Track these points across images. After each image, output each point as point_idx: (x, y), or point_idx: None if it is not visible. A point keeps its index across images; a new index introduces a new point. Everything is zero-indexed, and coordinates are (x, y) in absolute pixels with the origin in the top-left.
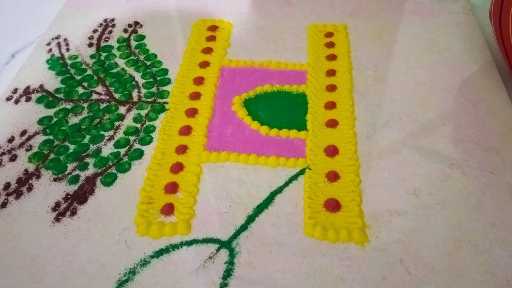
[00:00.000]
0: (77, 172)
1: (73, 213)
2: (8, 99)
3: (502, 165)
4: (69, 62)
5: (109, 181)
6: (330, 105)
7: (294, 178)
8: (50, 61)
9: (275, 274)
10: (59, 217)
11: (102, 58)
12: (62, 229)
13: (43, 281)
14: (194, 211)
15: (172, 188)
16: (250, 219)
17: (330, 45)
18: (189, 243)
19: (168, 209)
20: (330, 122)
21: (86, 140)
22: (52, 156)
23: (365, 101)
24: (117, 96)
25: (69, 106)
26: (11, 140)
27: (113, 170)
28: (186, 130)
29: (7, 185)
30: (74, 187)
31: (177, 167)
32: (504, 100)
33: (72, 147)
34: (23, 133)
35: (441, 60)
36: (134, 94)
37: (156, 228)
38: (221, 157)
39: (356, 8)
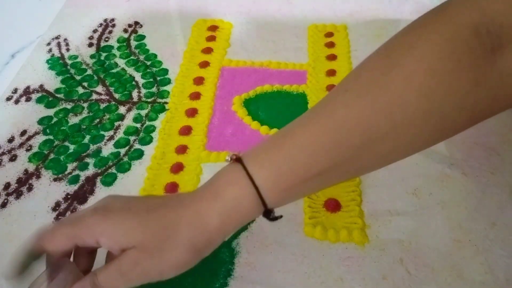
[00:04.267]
0: (77, 172)
1: (73, 213)
2: (8, 99)
3: (502, 165)
4: (69, 62)
5: (109, 181)
6: None
7: None
8: (50, 61)
9: (275, 274)
10: (59, 217)
11: (102, 58)
12: None
13: None
14: None
15: (172, 188)
16: None
17: (330, 45)
18: None
19: None
20: None
21: (86, 140)
22: (52, 156)
23: None
24: (117, 96)
25: (69, 106)
26: (11, 140)
27: (113, 170)
28: (186, 130)
29: (7, 185)
30: (74, 187)
31: (177, 167)
32: None
33: (72, 147)
34: (23, 133)
35: None
36: (134, 94)
37: None
38: (221, 157)
39: (356, 8)
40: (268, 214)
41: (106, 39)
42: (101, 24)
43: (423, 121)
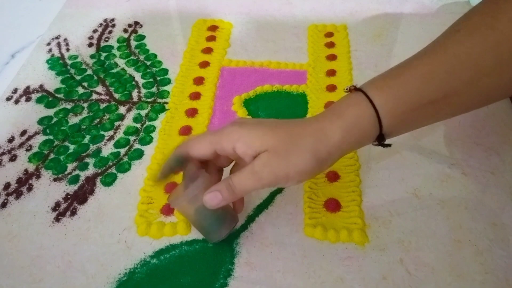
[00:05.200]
0: (77, 172)
1: (73, 213)
2: (8, 99)
3: (502, 165)
4: (69, 62)
5: (109, 181)
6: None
7: None
8: (50, 61)
9: (275, 274)
10: (59, 217)
11: (102, 58)
12: (62, 229)
13: (43, 281)
14: None
15: (172, 188)
16: (250, 219)
17: (330, 45)
18: (189, 243)
19: (168, 209)
20: None
21: (86, 140)
22: (52, 156)
23: None
24: (117, 96)
25: (69, 106)
26: (11, 140)
27: (113, 170)
28: (186, 130)
29: (7, 185)
30: (74, 187)
31: None
32: (504, 100)
33: (72, 147)
34: (23, 133)
35: None
36: (134, 94)
37: (156, 228)
38: None
39: (356, 8)
40: (382, 138)
41: (106, 39)
42: (101, 24)
43: None
